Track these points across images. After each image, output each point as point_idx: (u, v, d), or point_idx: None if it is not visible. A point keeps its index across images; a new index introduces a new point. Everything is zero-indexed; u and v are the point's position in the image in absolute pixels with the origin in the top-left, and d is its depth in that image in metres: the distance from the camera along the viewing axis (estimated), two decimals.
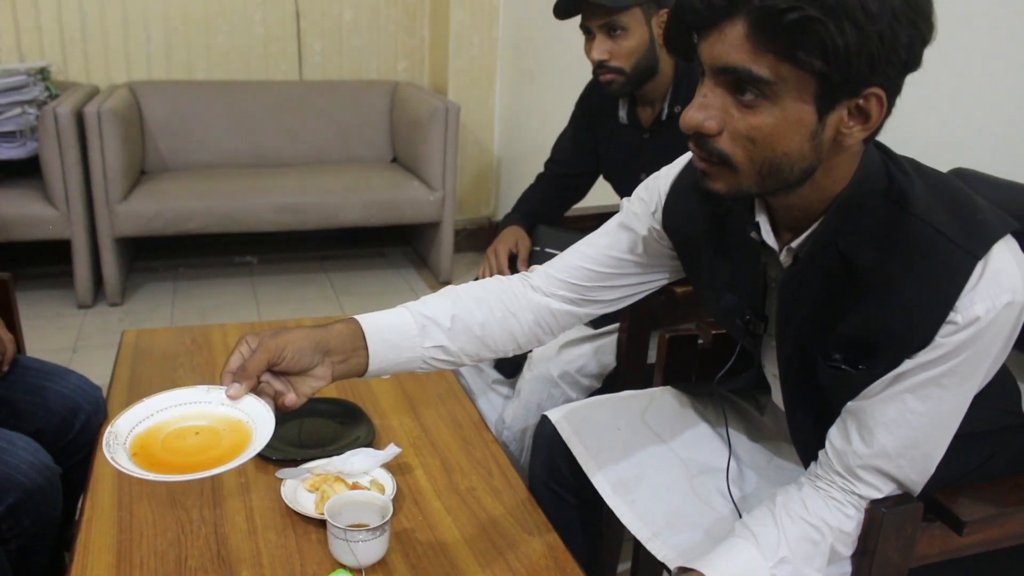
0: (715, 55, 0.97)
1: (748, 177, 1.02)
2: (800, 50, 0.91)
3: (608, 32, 1.86)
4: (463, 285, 1.34)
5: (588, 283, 1.35)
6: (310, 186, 3.92)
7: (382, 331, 1.21)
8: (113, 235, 3.59)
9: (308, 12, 4.36)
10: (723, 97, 0.99)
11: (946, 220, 1.02)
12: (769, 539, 1.13)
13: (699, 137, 1.01)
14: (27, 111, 3.50)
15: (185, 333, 2.04)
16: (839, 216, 1.06)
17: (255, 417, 1.06)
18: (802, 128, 0.97)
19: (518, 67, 4.23)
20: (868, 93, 0.95)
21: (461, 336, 1.27)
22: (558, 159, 2.29)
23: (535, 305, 1.34)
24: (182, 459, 1.01)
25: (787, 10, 0.89)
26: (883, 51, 0.91)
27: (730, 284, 1.25)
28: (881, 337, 1.06)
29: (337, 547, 1.26)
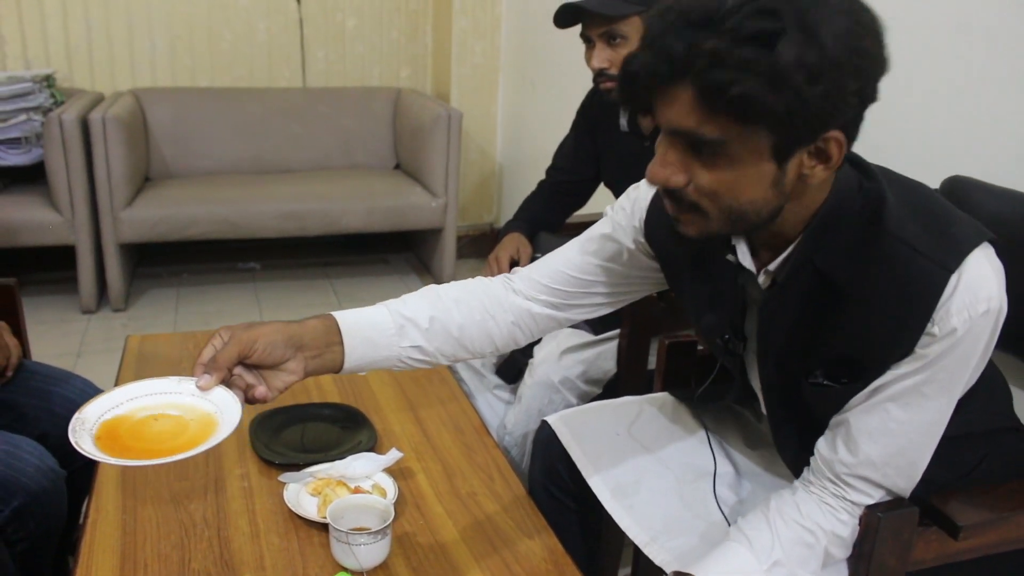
0: (667, 118, 0.99)
1: (717, 222, 1.04)
2: (746, 119, 0.93)
3: (608, 40, 1.88)
4: (444, 285, 1.35)
5: (570, 289, 1.35)
6: (313, 193, 3.93)
7: (360, 328, 1.21)
8: (117, 241, 3.60)
9: (311, 19, 4.38)
10: (682, 154, 1.01)
11: (919, 235, 1.04)
12: (763, 542, 1.14)
13: (667, 189, 1.04)
14: (32, 118, 3.52)
15: (188, 339, 2.06)
16: (815, 237, 1.07)
17: (222, 407, 1.07)
18: (763, 179, 0.99)
19: (520, 74, 4.25)
20: (826, 138, 0.97)
21: (438, 337, 1.28)
22: (559, 166, 2.31)
23: (515, 308, 1.34)
24: (147, 446, 1.02)
25: (728, 83, 0.91)
26: (829, 105, 0.93)
27: (709, 304, 1.27)
28: (861, 353, 1.08)
29: (339, 550, 1.27)
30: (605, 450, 1.46)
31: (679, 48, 0.93)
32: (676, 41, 0.94)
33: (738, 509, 1.38)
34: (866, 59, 0.94)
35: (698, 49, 0.92)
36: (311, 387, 1.82)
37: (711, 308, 1.27)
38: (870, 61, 0.95)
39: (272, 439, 1.60)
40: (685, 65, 0.93)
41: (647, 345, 1.91)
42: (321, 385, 1.83)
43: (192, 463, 1.53)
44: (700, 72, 0.92)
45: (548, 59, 3.92)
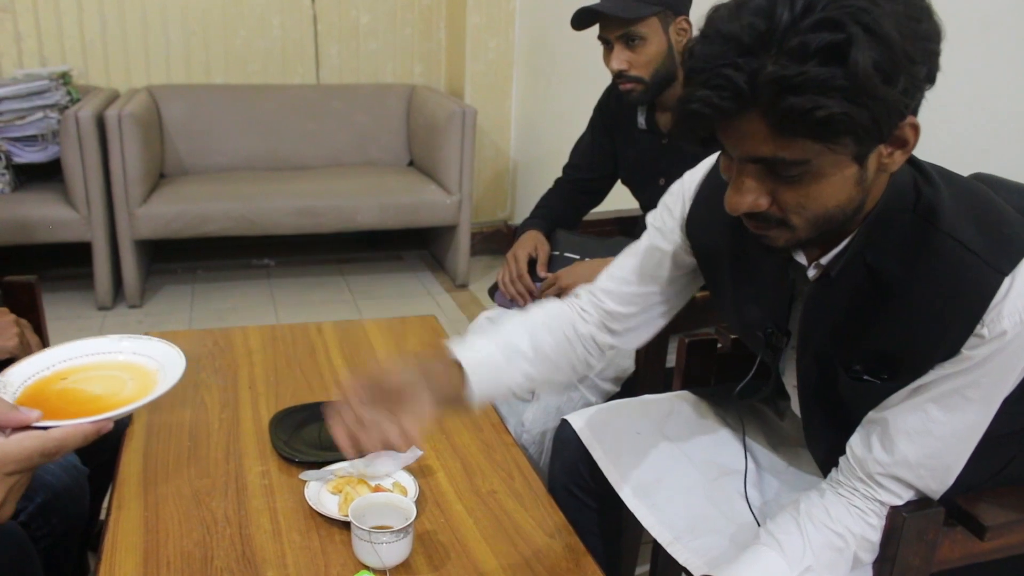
0: (742, 148, 0.96)
1: (805, 231, 1.02)
2: (829, 137, 0.90)
3: (626, 42, 1.87)
4: (527, 313, 1.39)
5: (625, 309, 1.36)
6: (327, 189, 3.94)
7: (480, 367, 1.24)
8: (133, 237, 3.62)
9: (325, 16, 4.38)
10: (761, 179, 0.98)
11: (973, 235, 1.02)
12: (794, 547, 1.13)
13: (749, 213, 1.02)
14: (49, 115, 3.54)
15: (207, 336, 2.06)
16: (868, 232, 1.06)
17: (164, 363, 1.04)
18: (847, 181, 0.97)
19: (534, 71, 4.24)
20: (902, 125, 0.95)
21: (541, 362, 1.32)
22: (577, 164, 2.31)
23: (586, 337, 1.38)
24: (80, 407, 0.98)
25: (810, 109, 0.87)
26: (908, 98, 0.91)
27: (755, 297, 1.26)
28: (906, 350, 1.07)
29: (361, 549, 1.27)
30: (626, 449, 1.46)
31: (740, 79, 0.89)
32: (735, 72, 0.89)
33: (764, 509, 1.37)
34: (928, 40, 0.92)
35: (763, 77, 0.88)
36: (331, 386, 1.82)
37: (755, 302, 1.26)
38: (931, 40, 0.93)
39: (292, 437, 1.60)
40: (753, 96, 0.89)
41: (665, 343, 1.90)
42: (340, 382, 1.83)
43: (212, 460, 1.53)
44: (772, 101, 0.88)
45: (562, 55, 3.92)
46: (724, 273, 1.28)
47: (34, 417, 0.91)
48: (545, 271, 2.10)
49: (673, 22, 1.88)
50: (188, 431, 1.63)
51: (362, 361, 1.94)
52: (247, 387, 1.80)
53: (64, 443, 0.90)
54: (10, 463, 0.87)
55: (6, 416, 0.90)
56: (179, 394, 1.75)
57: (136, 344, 1.07)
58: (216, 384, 1.81)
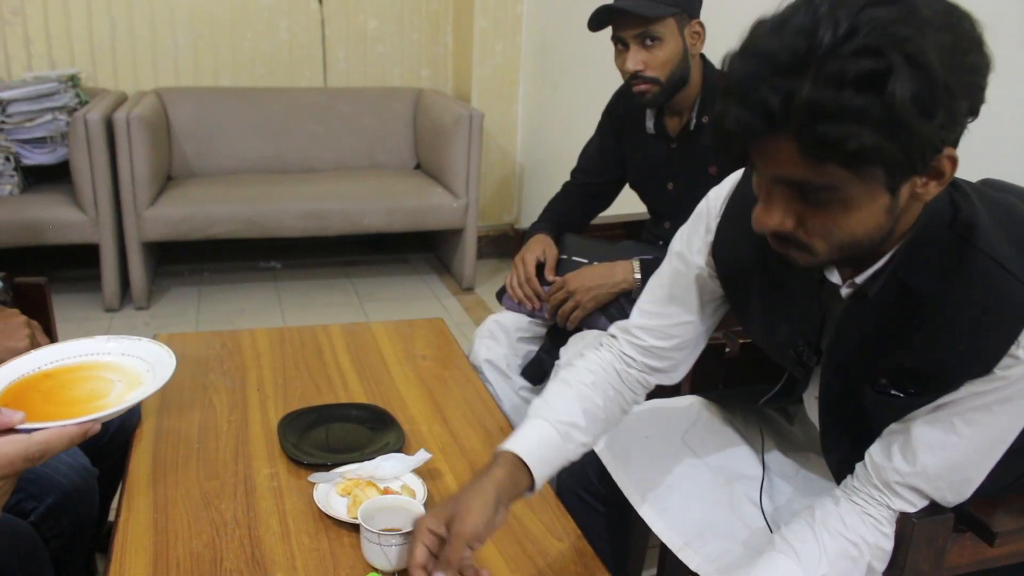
0: (770, 169, 0.95)
1: (827, 255, 1.01)
2: (860, 166, 0.88)
3: (642, 42, 1.87)
4: (573, 372, 1.38)
5: (665, 343, 1.35)
6: (334, 192, 3.95)
7: (537, 453, 1.25)
8: (140, 239, 3.63)
9: (333, 20, 4.39)
10: (788, 199, 0.96)
11: (1012, 256, 1.01)
12: (810, 555, 1.13)
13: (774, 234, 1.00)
14: (58, 117, 3.55)
15: (215, 338, 2.06)
16: (907, 251, 1.04)
17: (154, 363, 1.01)
18: (877, 210, 0.95)
19: (541, 74, 4.25)
20: (939, 157, 0.92)
21: (595, 427, 1.32)
22: (584, 168, 2.31)
23: (633, 381, 1.38)
24: (65, 409, 0.93)
25: (841, 137, 0.84)
26: (945, 132, 0.89)
27: (786, 316, 1.24)
28: (937, 367, 1.05)
29: (370, 551, 1.28)
30: (635, 453, 1.46)
31: (775, 100, 0.87)
32: (770, 93, 0.87)
33: (775, 515, 1.37)
34: (975, 74, 0.89)
35: (798, 100, 0.85)
36: (338, 388, 1.82)
37: (787, 320, 1.24)
38: (977, 74, 0.90)
39: (300, 439, 1.60)
40: (784, 118, 0.87)
41: None
42: (348, 386, 1.84)
43: (221, 462, 1.54)
44: (804, 125, 0.86)
45: (569, 59, 3.92)
46: (753, 292, 1.26)
47: (17, 419, 0.86)
48: (553, 275, 2.10)
49: (688, 24, 1.89)
50: (197, 433, 1.63)
51: (370, 363, 1.94)
52: (255, 389, 1.81)
53: (48, 446, 0.86)
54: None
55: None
56: (187, 396, 1.76)
57: (124, 345, 1.04)
58: (224, 386, 1.81)
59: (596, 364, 1.38)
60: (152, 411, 1.69)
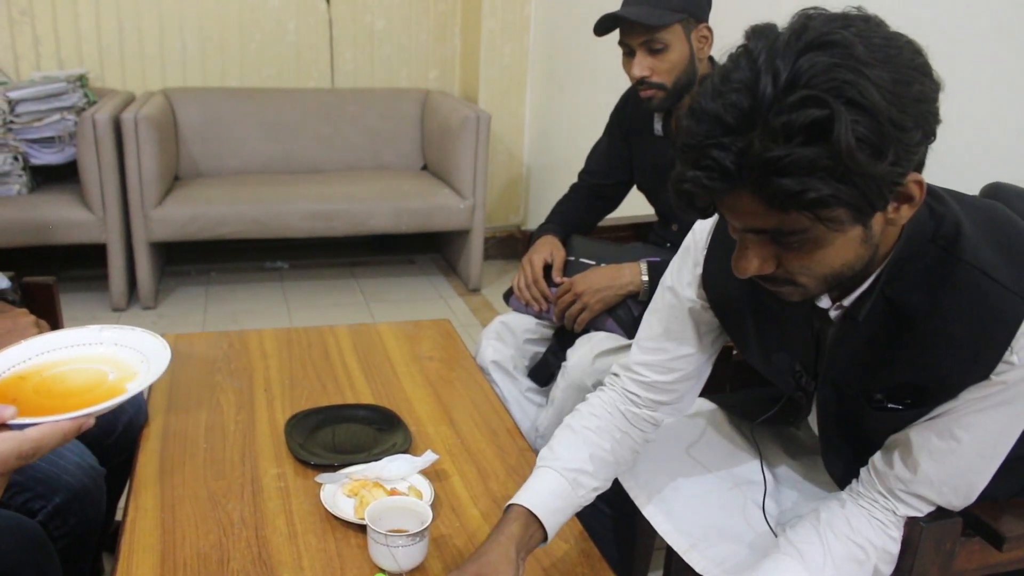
0: (739, 220, 0.96)
1: (816, 287, 1.02)
2: (820, 210, 0.89)
3: (649, 49, 1.87)
4: (576, 418, 1.38)
5: (667, 376, 1.34)
6: (341, 193, 3.95)
7: (549, 505, 1.26)
8: (147, 239, 3.64)
9: (340, 21, 4.40)
10: (763, 245, 0.98)
11: (997, 264, 1.01)
12: (815, 558, 1.13)
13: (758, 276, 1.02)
14: (66, 117, 3.56)
15: (222, 338, 2.07)
16: (893, 269, 1.05)
17: (149, 355, 0.98)
18: (852, 242, 0.96)
19: (548, 76, 4.25)
20: (905, 183, 0.92)
21: (603, 471, 1.33)
22: (592, 169, 2.31)
23: (640, 420, 1.37)
24: (58, 402, 0.90)
25: (797, 192, 0.86)
26: (900, 165, 0.88)
27: (780, 343, 1.24)
28: (932, 380, 1.06)
29: (377, 552, 1.28)
30: (642, 456, 1.45)
31: (727, 160, 0.88)
32: (721, 152, 0.88)
33: (780, 519, 1.37)
34: (922, 101, 0.89)
35: (749, 157, 0.87)
36: (346, 389, 1.83)
37: (783, 348, 1.24)
38: (925, 102, 0.89)
39: (307, 440, 1.60)
40: (740, 176, 0.88)
41: None
42: (355, 386, 1.84)
43: (228, 462, 1.54)
44: (760, 181, 0.87)
45: (576, 61, 3.92)
46: (747, 321, 1.26)
47: (9, 415, 0.83)
48: (561, 276, 2.10)
49: (695, 29, 1.88)
50: (204, 433, 1.64)
51: (377, 364, 1.94)
52: (262, 389, 1.81)
53: (42, 443, 0.83)
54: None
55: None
56: (194, 396, 1.76)
57: (118, 335, 1.01)
58: (232, 386, 1.82)
59: (600, 408, 1.37)
60: (159, 411, 1.70)
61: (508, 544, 1.19)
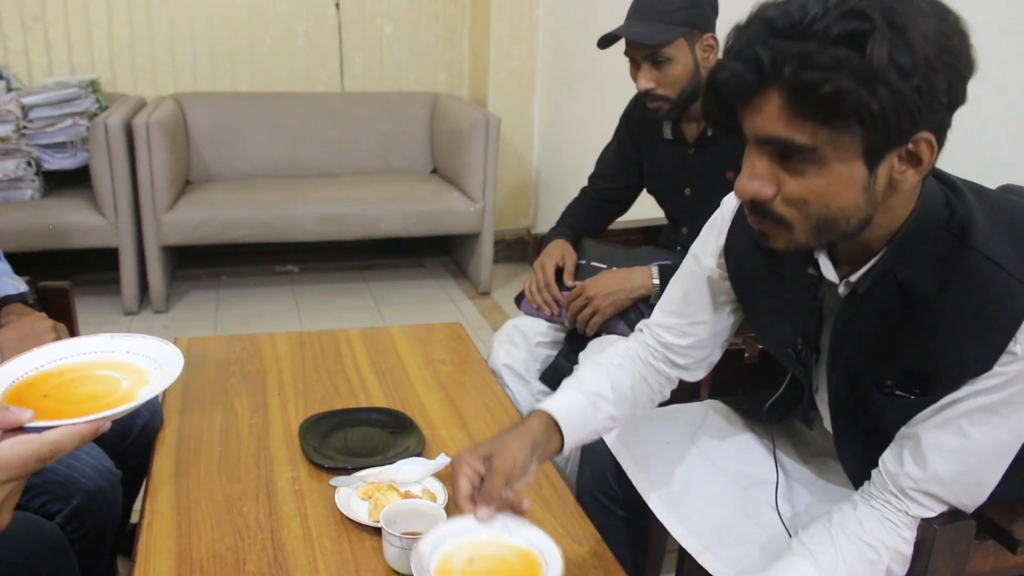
0: (755, 127, 1.00)
1: (804, 233, 1.04)
2: (838, 118, 0.93)
3: (653, 62, 1.88)
4: (602, 356, 1.45)
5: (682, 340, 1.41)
6: (351, 196, 3.96)
7: (570, 415, 1.32)
8: (159, 243, 3.66)
9: (350, 25, 4.41)
10: (770, 164, 1.01)
11: (1008, 254, 1.03)
12: (827, 558, 1.13)
13: (753, 203, 1.04)
14: (78, 122, 3.58)
15: (235, 342, 2.08)
16: (899, 250, 1.06)
17: (161, 361, 1.00)
18: (854, 184, 0.98)
19: (557, 79, 4.25)
20: (916, 139, 0.96)
21: (623, 403, 1.39)
22: (602, 173, 2.31)
23: (655, 371, 1.44)
24: (71, 407, 0.91)
25: (820, 83, 0.91)
26: (922, 102, 0.92)
27: (784, 314, 1.27)
28: (938, 367, 1.07)
29: (393, 555, 1.28)
30: (655, 458, 1.46)
31: (766, 56, 0.94)
32: (763, 49, 0.94)
33: (794, 520, 1.37)
34: (955, 58, 0.93)
35: (786, 55, 0.93)
36: (359, 392, 1.83)
37: (786, 319, 1.27)
38: (959, 60, 0.94)
39: (322, 443, 1.61)
40: (774, 71, 0.94)
41: None
42: (368, 390, 1.85)
43: (243, 465, 1.55)
44: (789, 77, 0.93)
45: (585, 64, 3.93)
46: (759, 293, 1.30)
47: (26, 418, 0.84)
48: (572, 280, 2.10)
49: (699, 40, 1.89)
50: (219, 436, 1.64)
51: (389, 368, 1.95)
52: (276, 393, 1.82)
53: (60, 446, 0.83)
54: (3, 471, 0.81)
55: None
56: (209, 399, 1.77)
57: (131, 343, 1.02)
58: (246, 390, 1.83)
59: (624, 351, 1.45)
60: (174, 414, 1.71)
61: (526, 437, 1.25)
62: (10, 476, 0.81)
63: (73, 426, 0.85)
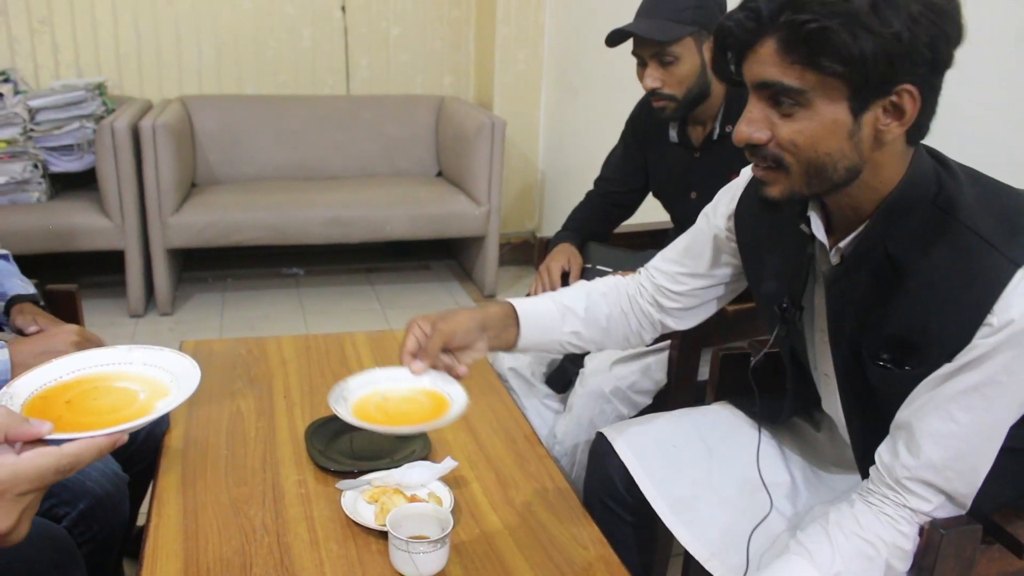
0: (753, 73, 1.08)
1: (798, 178, 1.10)
2: (822, 57, 1.00)
3: (660, 61, 1.89)
4: (592, 282, 1.55)
5: (675, 287, 1.49)
6: (357, 199, 3.97)
7: (532, 315, 1.43)
8: (165, 246, 3.66)
9: (356, 28, 4.42)
10: (765, 110, 1.09)
11: (991, 228, 1.06)
12: (823, 556, 1.15)
13: (751, 147, 1.12)
14: (85, 125, 3.60)
15: (241, 344, 2.08)
16: (886, 218, 1.11)
17: (178, 374, 1.01)
18: (839, 129, 1.05)
19: (562, 82, 4.26)
20: (899, 90, 1.02)
21: (592, 326, 1.48)
22: (608, 177, 2.31)
23: (639, 309, 1.52)
24: (89, 419, 0.93)
25: (806, 22, 0.99)
26: (902, 51, 0.99)
27: (776, 271, 1.32)
28: (922, 337, 1.10)
29: (399, 558, 1.29)
30: (662, 463, 1.46)
31: (765, 5, 1.04)
32: (764, 2, 1.04)
33: (795, 521, 1.37)
34: (942, 17, 1.00)
35: (782, 2, 1.02)
36: None
37: (775, 276, 1.32)
38: (946, 20, 1.00)
39: (328, 447, 1.62)
40: (770, 18, 1.03)
41: (698, 357, 1.91)
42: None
43: (249, 469, 1.55)
44: (783, 21, 1.02)
45: (591, 67, 3.93)
46: (759, 255, 1.37)
47: (45, 430, 0.84)
48: None
49: (707, 40, 1.89)
50: (225, 439, 1.65)
51: None
52: (282, 396, 1.82)
53: (79, 458, 0.84)
54: (23, 483, 0.81)
55: (17, 429, 0.84)
56: (215, 403, 1.78)
57: (148, 355, 1.04)
58: (252, 393, 1.83)
59: (614, 284, 1.54)
60: (180, 417, 1.71)
61: (478, 313, 1.36)
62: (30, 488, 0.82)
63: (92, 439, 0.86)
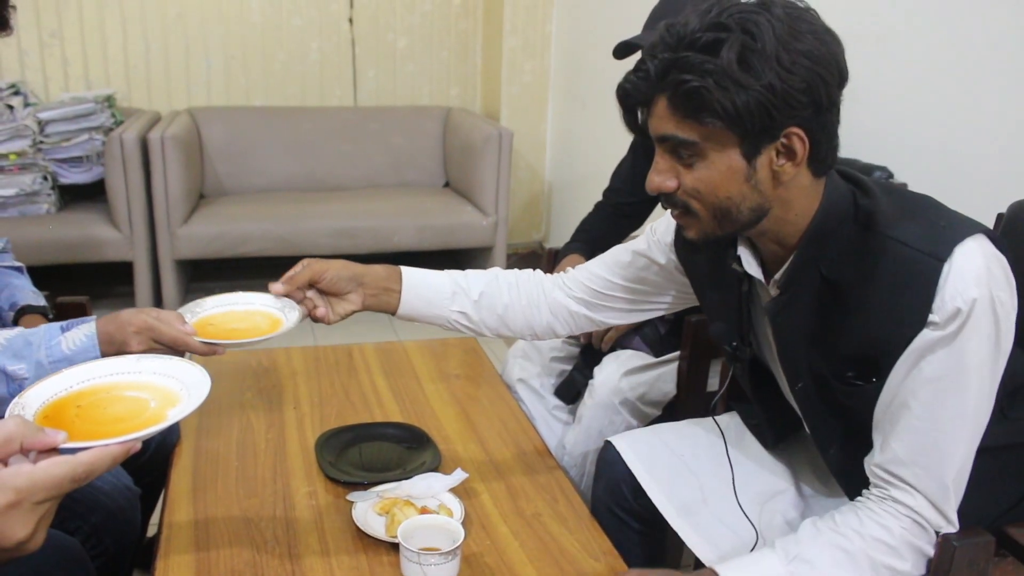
0: (654, 127, 1.14)
1: (707, 222, 1.16)
2: (703, 113, 1.06)
3: None
4: (506, 271, 1.57)
5: (607, 291, 1.52)
6: (364, 210, 3.98)
7: (418, 284, 1.48)
8: (174, 257, 3.68)
9: (363, 39, 4.44)
10: (670, 161, 1.15)
11: (911, 231, 1.10)
12: (787, 542, 1.19)
13: (664, 195, 1.17)
14: (94, 137, 3.62)
15: (251, 356, 2.08)
16: (813, 245, 1.15)
17: (188, 383, 1.02)
18: (735, 174, 1.10)
19: (570, 93, 4.27)
20: (787, 133, 1.07)
21: (484, 310, 1.51)
22: (617, 188, 2.32)
23: (556, 303, 1.54)
24: (101, 428, 0.93)
25: (685, 82, 1.05)
26: (777, 100, 1.03)
27: (720, 312, 1.35)
28: (876, 349, 1.13)
29: (410, 570, 1.29)
30: (670, 471, 1.47)
31: (654, 66, 1.09)
32: (652, 62, 1.10)
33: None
34: (814, 60, 1.04)
35: (668, 64, 1.07)
36: (374, 407, 1.84)
37: (721, 317, 1.35)
38: (822, 66, 1.05)
39: (338, 458, 1.62)
40: (659, 79, 1.09)
41: (707, 367, 1.91)
42: (383, 404, 1.85)
43: (260, 480, 1.55)
44: (668, 81, 1.07)
45: (597, 78, 3.94)
46: (705, 290, 1.41)
47: (60, 439, 0.84)
48: None
49: None
50: (236, 451, 1.65)
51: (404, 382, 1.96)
52: (292, 408, 1.83)
53: (94, 467, 0.84)
54: (40, 491, 0.80)
55: (32, 439, 0.84)
56: (225, 414, 1.78)
57: (158, 364, 1.05)
58: (262, 404, 1.83)
59: (531, 276, 1.57)
60: (191, 429, 1.72)
61: (356, 267, 1.45)
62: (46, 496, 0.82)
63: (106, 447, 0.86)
